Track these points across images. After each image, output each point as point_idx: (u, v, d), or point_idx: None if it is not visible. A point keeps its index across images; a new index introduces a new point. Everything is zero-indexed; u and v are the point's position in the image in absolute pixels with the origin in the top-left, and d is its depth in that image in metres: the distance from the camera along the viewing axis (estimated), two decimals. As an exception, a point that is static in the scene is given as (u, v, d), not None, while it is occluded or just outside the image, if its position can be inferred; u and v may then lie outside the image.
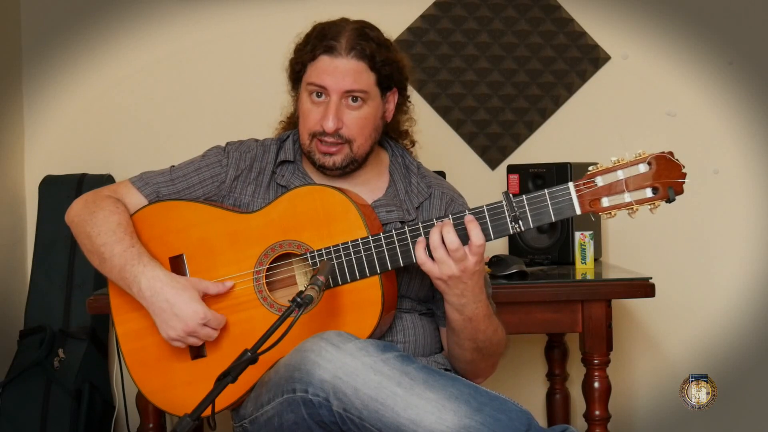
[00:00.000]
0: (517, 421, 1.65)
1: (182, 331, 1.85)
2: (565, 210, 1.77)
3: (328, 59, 1.97)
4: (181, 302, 1.85)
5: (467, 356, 1.98)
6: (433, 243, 1.80)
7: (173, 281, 1.88)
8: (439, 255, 1.80)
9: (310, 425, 1.72)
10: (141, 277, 1.87)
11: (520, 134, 3.31)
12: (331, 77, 1.96)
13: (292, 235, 1.91)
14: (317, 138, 1.99)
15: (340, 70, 1.96)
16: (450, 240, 1.78)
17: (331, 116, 1.96)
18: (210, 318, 1.86)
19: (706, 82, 3.30)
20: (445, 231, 1.79)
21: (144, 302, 1.88)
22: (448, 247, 1.79)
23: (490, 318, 1.94)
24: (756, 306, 3.31)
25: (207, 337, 1.88)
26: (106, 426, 3.04)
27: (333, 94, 1.97)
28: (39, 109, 3.24)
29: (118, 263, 1.90)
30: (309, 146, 2.01)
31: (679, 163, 1.72)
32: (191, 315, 1.85)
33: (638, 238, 3.25)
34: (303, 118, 2.02)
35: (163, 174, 2.07)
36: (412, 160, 2.14)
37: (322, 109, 1.98)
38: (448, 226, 1.79)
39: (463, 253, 1.79)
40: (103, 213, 1.96)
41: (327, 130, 1.96)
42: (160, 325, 1.87)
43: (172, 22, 3.24)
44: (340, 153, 1.99)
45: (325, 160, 2.00)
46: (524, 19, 3.29)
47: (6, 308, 3.11)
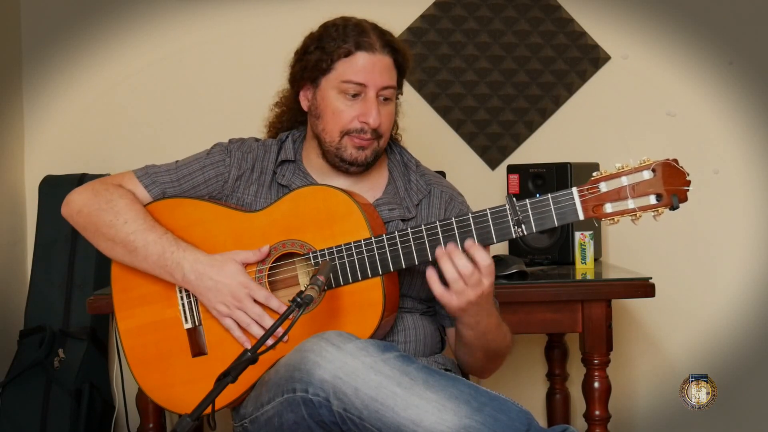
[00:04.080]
0: (517, 421, 1.65)
1: (230, 303, 1.86)
2: (568, 215, 1.77)
3: (366, 56, 1.97)
4: (224, 277, 1.86)
5: (478, 363, 2.01)
6: (451, 276, 1.76)
7: (213, 260, 1.88)
8: (459, 287, 1.77)
9: (310, 425, 1.72)
10: (183, 262, 1.88)
11: (520, 134, 3.31)
12: (370, 74, 1.97)
13: (294, 234, 1.91)
14: (351, 135, 1.99)
15: (378, 67, 1.97)
16: (463, 265, 1.76)
17: (375, 112, 1.96)
18: (253, 287, 1.86)
19: (706, 82, 3.30)
20: (456, 257, 1.76)
21: (189, 286, 1.89)
22: (462, 273, 1.76)
23: (500, 326, 1.94)
24: (756, 306, 3.31)
25: (255, 314, 1.86)
26: (106, 426, 3.04)
27: (371, 91, 1.97)
28: (39, 109, 3.24)
29: (156, 251, 1.90)
30: (339, 143, 2.00)
31: (683, 170, 1.71)
32: (236, 286, 1.86)
33: (638, 238, 3.25)
34: (333, 117, 1.99)
35: (168, 172, 2.06)
36: (411, 158, 2.15)
37: (358, 105, 1.98)
38: (456, 252, 1.77)
39: (477, 277, 1.77)
40: (123, 201, 1.96)
41: (373, 126, 1.97)
42: (208, 305, 1.88)
43: (172, 22, 3.24)
44: (370, 147, 2.00)
45: (358, 154, 2.00)
46: (524, 19, 3.29)
47: (6, 308, 3.11)
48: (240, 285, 1.86)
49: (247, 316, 1.87)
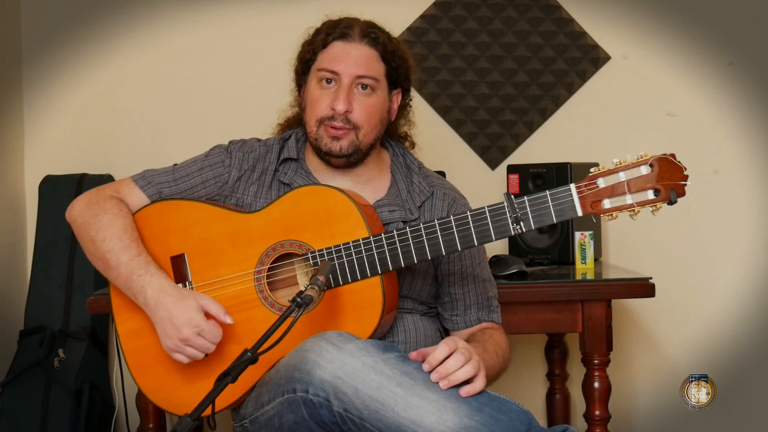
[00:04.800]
0: (517, 421, 1.65)
1: (177, 338, 1.83)
2: (567, 211, 1.77)
3: (341, 44, 1.99)
4: (178, 310, 1.84)
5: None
6: (453, 364, 1.69)
7: (177, 291, 1.87)
8: (459, 359, 1.69)
9: (311, 425, 1.72)
10: (147, 288, 1.88)
11: (520, 134, 3.31)
12: (343, 62, 1.98)
13: (293, 235, 1.91)
14: (324, 124, 1.99)
15: (353, 56, 1.98)
16: (450, 366, 1.68)
17: (342, 98, 1.96)
18: (204, 328, 1.83)
19: (706, 82, 3.30)
20: (438, 373, 1.68)
21: (148, 311, 1.88)
22: (446, 366, 1.68)
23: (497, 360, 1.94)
24: (756, 306, 3.31)
25: (203, 348, 1.84)
26: (106, 426, 3.04)
27: (344, 78, 1.98)
28: (39, 109, 3.24)
29: (125, 272, 1.90)
30: (316, 133, 2.00)
31: (681, 165, 1.72)
32: (186, 323, 1.83)
33: (638, 238, 3.25)
34: (311, 106, 2.01)
35: (166, 173, 2.06)
36: (413, 159, 2.15)
37: (331, 93, 1.98)
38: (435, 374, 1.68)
39: (457, 356, 1.69)
40: (107, 216, 1.96)
41: (338, 111, 1.97)
42: (160, 335, 1.87)
43: (172, 22, 3.24)
44: (346, 137, 1.99)
45: (332, 145, 1.99)
46: (524, 19, 3.29)
47: (6, 308, 3.11)
48: (188, 321, 1.82)
49: (194, 350, 1.84)
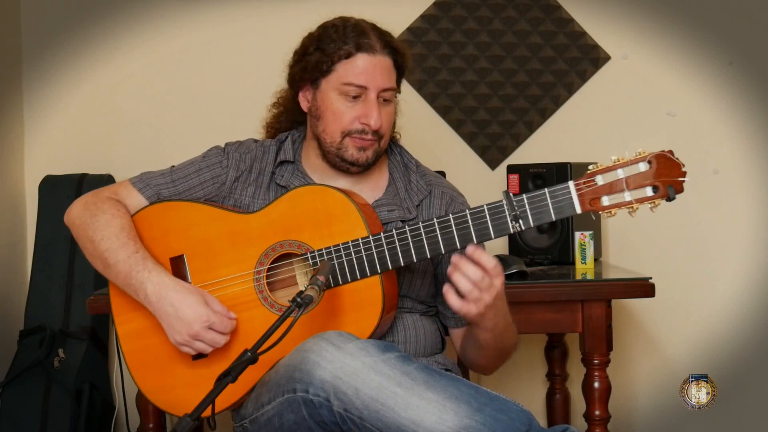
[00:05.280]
0: (517, 421, 1.65)
1: (187, 334, 1.85)
2: (566, 209, 1.77)
3: (366, 57, 1.97)
4: (185, 306, 1.85)
5: (488, 362, 2.02)
6: (465, 288, 1.76)
7: (178, 285, 1.88)
8: (475, 295, 1.77)
9: (311, 425, 1.72)
10: (147, 283, 1.87)
11: (520, 134, 3.31)
12: (370, 76, 1.97)
13: (292, 235, 1.91)
14: (352, 135, 1.99)
15: (378, 69, 1.98)
16: (473, 272, 1.75)
17: (377, 114, 1.97)
18: (214, 321, 1.85)
19: (706, 82, 3.30)
20: (465, 267, 1.76)
21: (151, 308, 1.89)
22: (474, 280, 1.75)
23: (511, 323, 1.94)
24: (756, 306, 3.31)
25: (213, 342, 1.86)
26: (106, 426, 3.04)
27: (371, 93, 1.98)
28: (39, 109, 3.24)
29: (123, 269, 1.90)
30: (341, 143, 2.00)
31: (679, 161, 1.72)
32: (195, 318, 1.84)
33: (638, 238, 3.25)
34: (335, 118, 1.99)
35: (163, 175, 2.06)
36: (411, 158, 2.15)
37: (359, 107, 1.98)
38: (463, 262, 1.76)
39: (488, 281, 1.76)
40: (104, 216, 1.96)
41: (375, 128, 1.97)
42: (167, 329, 1.87)
43: (172, 22, 3.24)
44: (371, 148, 2.00)
45: (359, 155, 2.00)
46: (524, 19, 3.29)
47: (6, 308, 3.11)
48: (198, 316, 1.84)
49: (204, 344, 1.86)
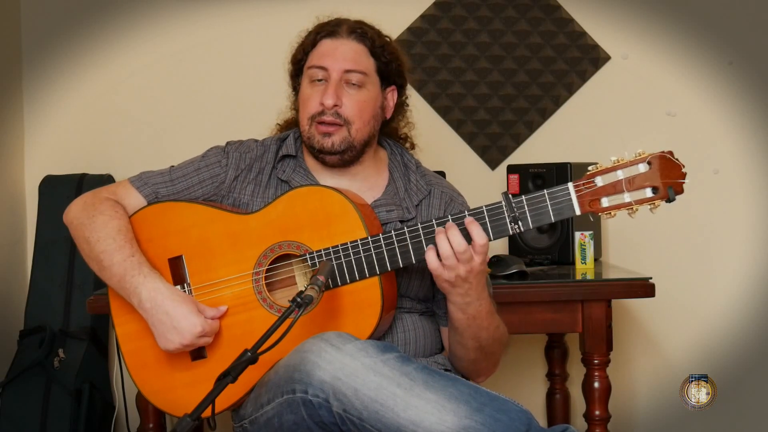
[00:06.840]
0: (517, 421, 1.65)
1: (179, 344, 1.86)
2: (565, 210, 1.77)
3: (329, 41, 2.02)
4: (179, 315, 1.85)
5: (470, 355, 1.98)
6: (445, 252, 1.79)
7: (173, 293, 1.88)
8: (451, 262, 1.79)
9: (310, 426, 1.72)
10: (141, 289, 1.87)
11: (520, 134, 3.31)
12: (330, 57, 2.00)
13: (291, 235, 1.91)
14: (315, 121, 2.00)
15: (340, 51, 2.00)
16: (457, 242, 1.78)
17: (330, 92, 1.98)
18: (206, 330, 1.87)
19: (706, 82, 3.30)
20: (451, 234, 1.79)
21: (143, 313, 1.89)
22: (455, 249, 1.78)
23: (492, 315, 1.94)
24: (756, 306, 3.31)
25: (202, 344, 1.90)
26: (106, 426, 3.04)
27: (333, 73, 1.99)
28: (39, 109, 3.24)
29: (118, 272, 1.90)
30: (309, 131, 2.01)
31: (679, 162, 1.72)
32: (189, 328, 1.85)
33: (638, 238, 3.25)
34: (303, 105, 2.03)
35: (162, 174, 2.06)
36: (411, 158, 2.15)
37: (321, 89, 2.00)
38: (453, 229, 1.79)
39: (469, 254, 1.79)
40: (102, 218, 1.96)
41: (326, 106, 1.98)
42: (158, 337, 1.88)
43: (173, 22, 3.24)
44: (338, 133, 1.99)
45: (324, 141, 2.00)
46: (524, 19, 3.29)
47: (6, 308, 3.11)
48: (192, 327, 1.85)
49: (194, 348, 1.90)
